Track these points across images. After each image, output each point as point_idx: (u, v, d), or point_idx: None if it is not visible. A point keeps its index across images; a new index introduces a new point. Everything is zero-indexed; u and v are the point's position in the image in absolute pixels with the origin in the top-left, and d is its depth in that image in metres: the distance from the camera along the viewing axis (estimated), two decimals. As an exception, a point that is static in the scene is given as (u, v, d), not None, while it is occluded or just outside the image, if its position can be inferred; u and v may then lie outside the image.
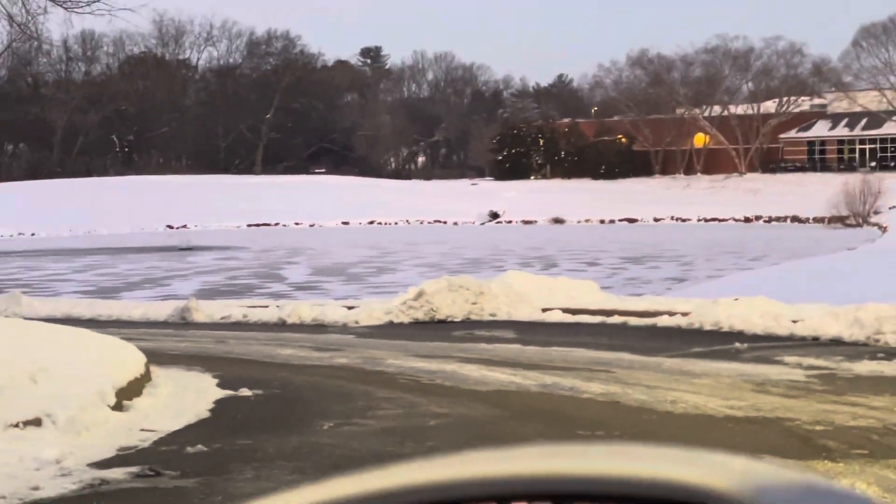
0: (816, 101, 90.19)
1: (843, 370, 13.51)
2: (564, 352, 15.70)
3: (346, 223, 76.55)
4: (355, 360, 15.39)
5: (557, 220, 75.44)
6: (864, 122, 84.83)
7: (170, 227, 72.85)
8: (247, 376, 13.82)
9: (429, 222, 78.01)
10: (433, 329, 19.14)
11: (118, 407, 11.47)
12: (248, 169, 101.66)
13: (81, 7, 25.09)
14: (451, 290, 20.20)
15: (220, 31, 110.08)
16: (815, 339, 16.32)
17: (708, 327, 17.70)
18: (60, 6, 24.77)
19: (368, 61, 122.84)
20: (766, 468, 0.84)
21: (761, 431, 10.23)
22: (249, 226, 74.75)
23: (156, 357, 14.39)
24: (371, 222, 77.44)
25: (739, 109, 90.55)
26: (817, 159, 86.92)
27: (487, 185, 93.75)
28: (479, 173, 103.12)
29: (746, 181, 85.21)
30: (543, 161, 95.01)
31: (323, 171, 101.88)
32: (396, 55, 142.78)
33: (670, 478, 0.84)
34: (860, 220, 63.76)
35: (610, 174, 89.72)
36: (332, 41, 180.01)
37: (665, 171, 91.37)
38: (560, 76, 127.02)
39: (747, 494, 0.80)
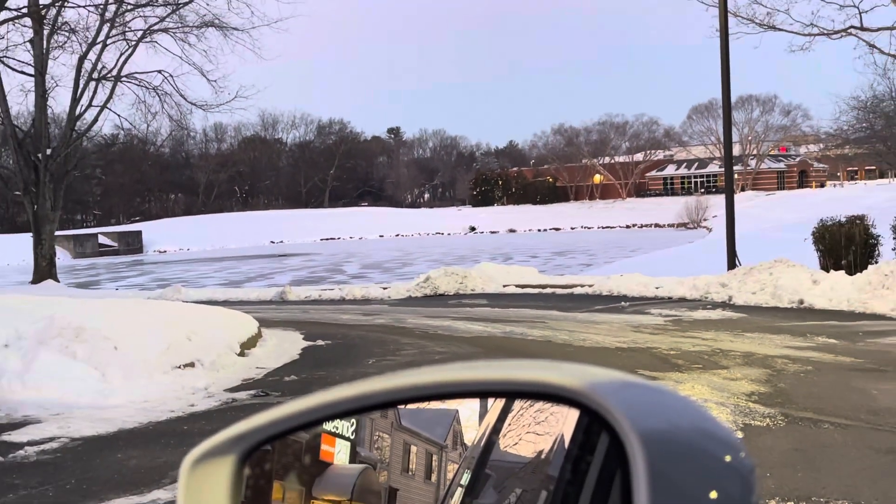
0: (667, 152, 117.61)
1: (686, 317, 16.04)
2: (517, 311, 18.17)
3: (381, 236, 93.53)
4: (388, 321, 17.60)
5: (511, 230, 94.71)
6: (696, 164, 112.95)
7: (272, 242, 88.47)
8: (321, 332, 15.93)
9: (432, 234, 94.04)
10: (436, 300, 21.96)
11: (241, 354, 13.17)
12: (319, 204, 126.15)
13: (213, 108, 30.94)
14: (446, 275, 23.89)
15: (300, 119, 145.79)
16: (670, 298, 19.29)
17: (605, 293, 20.92)
18: (200, 108, 30.54)
19: (392, 136, 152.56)
20: (601, 371, 0.93)
21: (638, 356, 11.87)
22: (321, 240, 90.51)
23: (264, 322, 16.21)
24: (397, 235, 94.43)
25: (621, 158, 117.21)
26: (669, 188, 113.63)
27: (468, 210, 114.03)
28: (463, 203, 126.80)
29: (627, 203, 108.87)
30: (502, 194, 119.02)
31: (366, 204, 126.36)
32: (410, 131, 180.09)
33: (537, 379, 0.94)
34: (696, 225, 79.88)
35: (543, 201, 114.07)
36: (370, 122, 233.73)
37: (577, 198, 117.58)
38: (510, 141, 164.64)
39: (585, 387, 0.89)
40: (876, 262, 18.85)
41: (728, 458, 0.86)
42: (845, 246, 19.94)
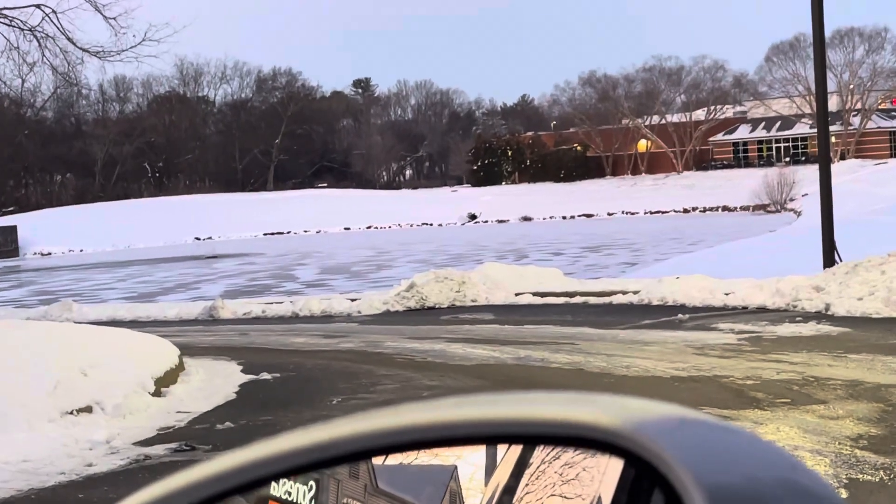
0: (738, 108, 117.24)
1: (768, 333, 16.26)
2: (535, 329, 18.44)
3: (347, 229, 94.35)
4: (359, 345, 17.90)
5: (526, 219, 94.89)
6: (778, 124, 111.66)
7: (197, 238, 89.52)
8: (266, 362, 16.00)
9: (417, 225, 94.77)
10: (424, 315, 22.13)
11: (157, 393, 13.39)
12: (261, 186, 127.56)
13: (113, 56, 30.83)
14: (437, 281, 24.02)
15: (232, 70, 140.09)
16: (744, 307, 19.57)
17: (655, 302, 21.14)
18: (95, 56, 30.48)
19: (360, 91, 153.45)
20: (649, 406, 0.98)
21: (701, 388, 12.14)
22: (265, 235, 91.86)
23: (188, 349, 16.47)
24: (369, 227, 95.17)
25: (674, 118, 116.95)
26: (741, 157, 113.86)
27: (466, 192, 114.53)
28: (458, 181, 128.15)
29: (683, 178, 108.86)
30: (512, 169, 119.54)
31: (325, 185, 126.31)
32: (383, 84, 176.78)
33: (564, 418, 0.97)
34: (779, 207, 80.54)
35: (568, 177, 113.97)
36: (327, 74, 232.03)
37: (615, 172, 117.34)
38: (523, 96, 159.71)
39: (630, 427, 0.91)
40: None
41: None
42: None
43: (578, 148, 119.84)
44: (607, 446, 0.95)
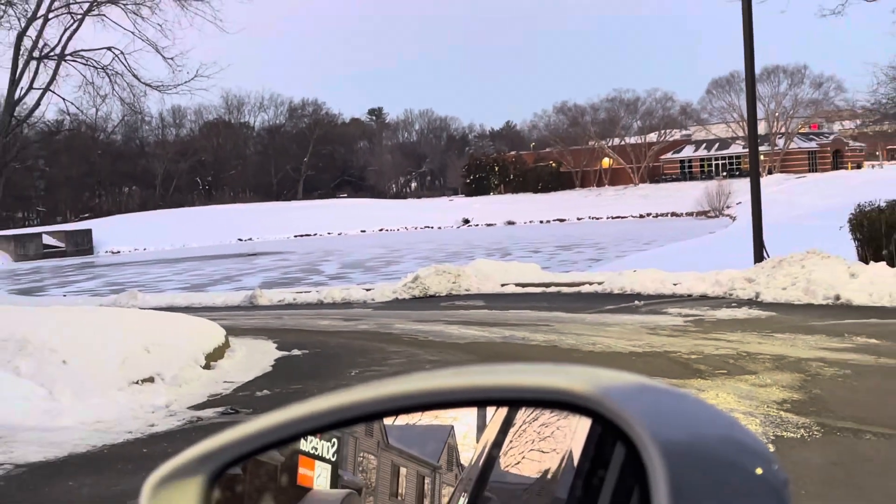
0: (684, 132, 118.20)
1: (709, 316, 16.07)
2: (517, 313, 18.15)
3: (363, 231, 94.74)
4: (372, 326, 17.59)
5: (510, 223, 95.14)
6: (717, 145, 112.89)
7: (240, 239, 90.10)
8: (297, 341, 15.79)
9: (421, 228, 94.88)
10: (426, 302, 21.96)
11: (207, 367, 13.24)
12: (292, 196, 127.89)
13: (170, 89, 30.95)
14: (437, 274, 23.88)
15: (268, 101, 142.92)
16: (689, 295, 19.36)
17: (616, 291, 20.98)
18: (156, 89, 30.58)
19: (374, 117, 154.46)
20: (614, 374, 0.95)
21: (654, 361, 11.96)
22: (295, 236, 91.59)
23: (232, 330, 16.22)
24: (381, 230, 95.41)
25: (632, 140, 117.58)
26: (687, 172, 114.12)
27: (460, 201, 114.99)
28: (454, 192, 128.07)
29: (639, 190, 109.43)
30: (498, 182, 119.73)
31: (345, 195, 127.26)
32: (393, 112, 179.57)
33: (543, 384, 0.96)
34: (718, 213, 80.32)
35: (545, 189, 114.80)
36: (347, 103, 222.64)
37: (583, 184, 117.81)
38: (507, 122, 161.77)
39: (598, 392, 0.90)
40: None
41: (759, 471, 0.86)
42: (886, 234, 19.96)
43: (553, 165, 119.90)
44: (578, 408, 0.94)
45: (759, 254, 21.67)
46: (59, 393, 10.74)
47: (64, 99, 36.07)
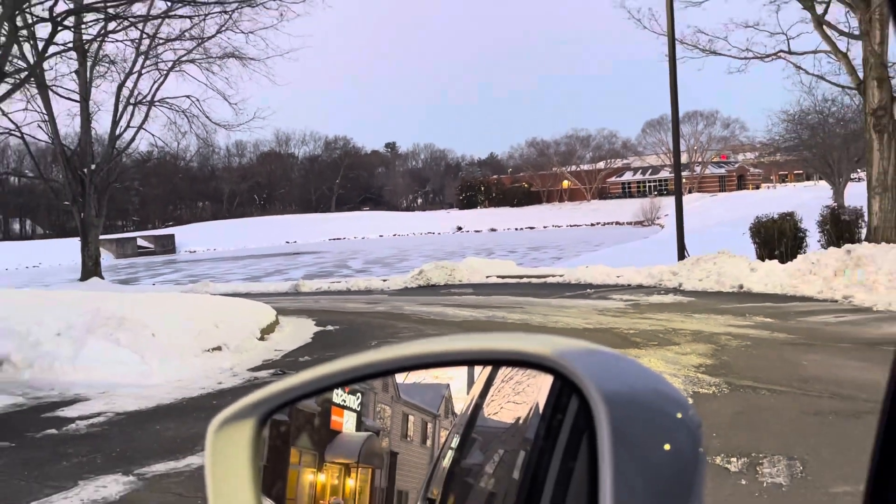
0: (625, 160, 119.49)
1: (643, 301, 16.03)
2: (499, 298, 18.13)
3: (381, 236, 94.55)
4: (388, 308, 17.53)
5: (493, 229, 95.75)
6: (650, 171, 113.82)
7: (287, 242, 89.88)
8: (330, 319, 15.89)
9: (425, 233, 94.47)
10: (429, 290, 21.81)
11: (262, 339, 13.22)
12: (327, 209, 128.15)
13: (234, 128, 30.90)
14: (437, 268, 23.87)
15: (309, 136, 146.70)
16: (629, 285, 19.22)
17: (573, 282, 20.84)
18: (223, 128, 30.54)
19: (389, 149, 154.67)
20: (570, 341, 0.91)
21: (602, 335, 11.86)
22: (329, 240, 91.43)
23: (281, 311, 16.20)
24: (394, 235, 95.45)
25: (585, 167, 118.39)
26: (627, 191, 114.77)
27: (456, 213, 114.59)
28: (451, 206, 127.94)
29: (591, 205, 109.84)
30: (484, 198, 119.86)
31: (367, 209, 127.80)
32: (404, 145, 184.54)
33: (516, 348, 0.93)
34: (650, 222, 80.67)
35: (519, 204, 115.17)
36: (369, 137, 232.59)
37: (548, 200, 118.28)
38: (491, 153, 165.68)
39: (556, 354, 0.88)
40: (804, 252, 18.93)
41: (679, 416, 0.87)
42: (778, 238, 20.01)
43: (525, 185, 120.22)
44: (543, 367, 0.94)
45: (682, 253, 21.68)
46: (149, 358, 10.73)
47: (153, 135, 36.11)
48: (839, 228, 20.12)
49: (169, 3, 29.89)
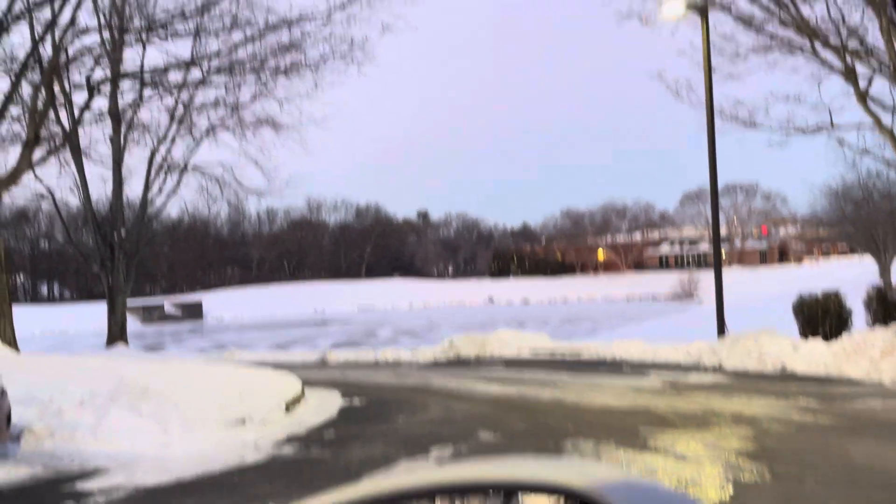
0: (662, 231, 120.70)
1: (682, 380, 15.68)
2: (531, 374, 17.74)
3: (411, 305, 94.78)
4: (417, 382, 17.25)
5: (525, 301, 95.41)
6: (688, 243, 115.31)
7: (315, 310, 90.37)
8: (357, 392, 15.71)
9: (455, 303, 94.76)
10: (458, 363, 21.41)
11: (287, 411, 13.14)
12: (357, 276, 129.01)
13: (266, 195, 31.50)
14: (467, 341, 23.64)
15: (340, 204, 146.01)
16: (666, 363, 18.83)
17: (608, 358, 20.44)
18: (255, 194, 31.15)
19: (421, 218, 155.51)
20: (604, 469, 0.91)
21: (639, 415, 11.55)
22: (359, 309, 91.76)
23: (307, 382, 16.17)
24: (424, 305, 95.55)
25: (621, 238, 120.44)
26: (664, 263, 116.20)
27: (487, 283, 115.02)
28: (482, 276, 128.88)
29: (627, 277, 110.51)
30: (517, 268, 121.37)
31: (398, 276, 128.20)
32: (436, 214, 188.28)
33: (546, 479, 0.91)
34: (688, 296, 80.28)
35: (553, 274, 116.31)
36: (401, 205, 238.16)
37: (582, 271, 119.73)
38: (524, 222, 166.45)
39: (593, 488, 0.85)
40: (849, 331, 18.60)
41: None
42: (821, 317, 19.68)
43: (559, 255, 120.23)
44: (579, 497, 0.91)
45: (722, 329, 21.35)
46: (171, 430, 10.70)
47: (185, 201, 36.64)
48: (886, 307, 19.78)
49: (205, 73, 30.64)
